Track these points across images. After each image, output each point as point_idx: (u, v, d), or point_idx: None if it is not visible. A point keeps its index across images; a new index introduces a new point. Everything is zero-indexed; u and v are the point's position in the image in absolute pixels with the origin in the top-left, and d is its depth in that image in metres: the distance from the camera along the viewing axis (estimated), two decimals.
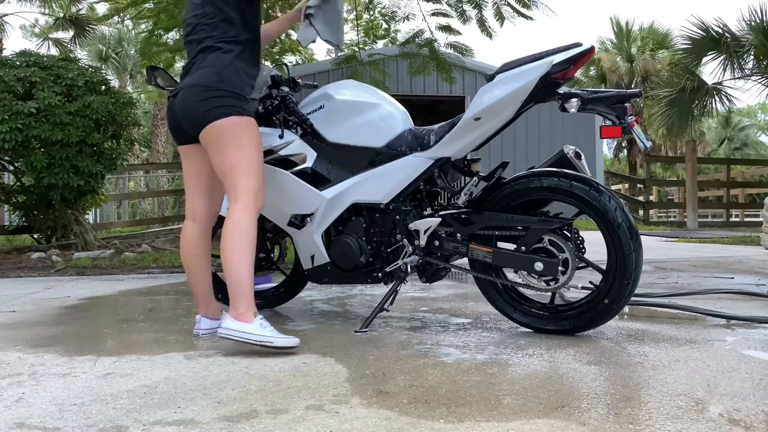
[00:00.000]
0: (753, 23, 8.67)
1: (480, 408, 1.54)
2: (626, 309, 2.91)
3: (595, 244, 2.51)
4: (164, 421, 1.48)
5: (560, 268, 2.25)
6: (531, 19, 6.45)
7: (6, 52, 13.55)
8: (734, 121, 35.64)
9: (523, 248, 2.31)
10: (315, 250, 2.62)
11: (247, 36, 2.34)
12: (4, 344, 2.35)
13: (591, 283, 2.46)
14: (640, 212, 11.78)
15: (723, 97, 9.50)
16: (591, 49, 2.20)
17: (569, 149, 2.48)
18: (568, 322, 2.34)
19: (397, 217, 2.52)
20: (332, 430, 1.41)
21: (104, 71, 7.50)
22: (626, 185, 15.96)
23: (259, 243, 2.80)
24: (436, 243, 2.47)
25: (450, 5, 6.65)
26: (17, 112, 5.56)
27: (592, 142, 12.41)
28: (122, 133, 6.63)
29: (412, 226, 2.48)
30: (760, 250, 6.10)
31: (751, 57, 8.97)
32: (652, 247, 6.56)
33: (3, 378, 1.87)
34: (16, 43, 56.05)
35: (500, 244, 2.43)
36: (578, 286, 2.41)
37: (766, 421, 1.43)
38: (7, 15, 15.05)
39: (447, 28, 6.79)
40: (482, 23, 6.64)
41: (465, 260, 2.48)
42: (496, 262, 2.37)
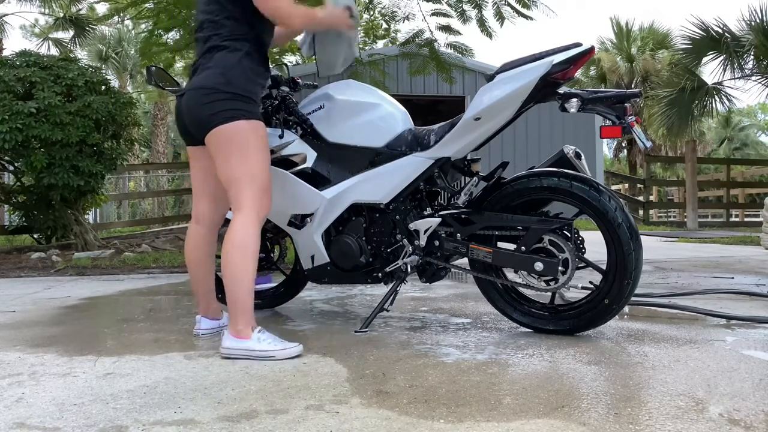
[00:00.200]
0: (753, 23, 8.68)
1: (480, 408, 1.54)
2: (626, 309, 2.91)
3: (595, 244, 2.51)
4: (164, 421, 1.48)
5: (560, 268, 2.25)
6: (531, 19, 6.45)
7: (6, 52, 13.55)
8: (734, 121, 35.63)
9: (523, 248, 2.31)
10: (315, 250, 2.62)
11: (255, 35, 2.24)
12: (4, 344, 2.35)
13: (591, 283, 2.46)
14: (640, 212, 11.78)
15: (723, 97, 9.50)
16: (591, 49, 2.20)
17: (569, 149, 2.48)
18: (568, 322, 2.34)
19: (397, 217, 2.52)
20: (332, 430, 1.41)
21: (104, 71, 7.50)
22: (626, 185, 15.96)
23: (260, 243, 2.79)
24: (436, 243, 2.47)
25: (450, 5, 6.64)
26: (17, 112, 5.56)
27: (592, 142, 12.42)
28: (122, 133, 6.63)
29: (412, 226, 2.48)
30: (760, 250, 6.10)
31: (751, 57, 8.97)
32: (652, 247, 6.56)
33: (3, 378, 1.87)
34: (16, 43, 56.12)
35: (500, 244, 2.43)
36: (578, 286, 2.41)
37: (766, 421, 1.43)
38: (7, 15, 15.07)
39: (447, 28, 6.78)
40: (482, 23, 6.63)
41: (465, 260, 2.48)
42: (496, 262, 2.37)
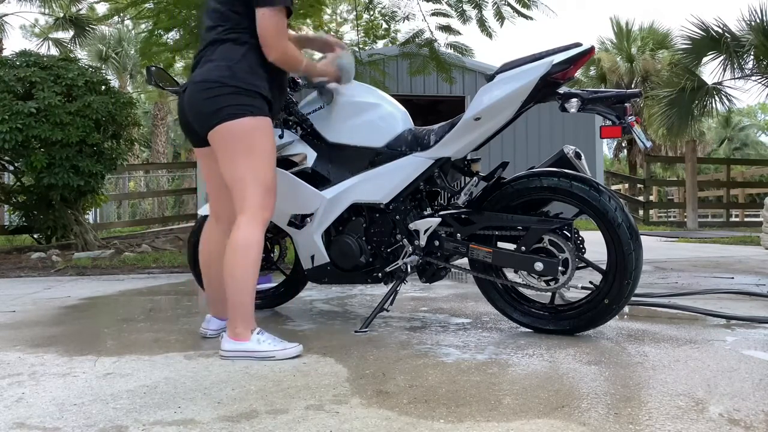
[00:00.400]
0: (753, 23, 8.68)
1: (480, 408, 1.54)
2: (626, 309, 2.91)
3: (595, 244, 2.51)
4: (164, 421, 1.48)
5: (560, 268, 2.25)
6: (531, 19, 6.45)
7: (6, 52, 13.55)
8: (734, 121, 35.61)
9: (523, 248, 2.31)
10: (315, 250, 2.62)
11: None
12: (4, 344, 2.35)
13: (591, 283, 2.46)
14: (640, 212, 11.77)
15: (723, 97, 9.50)
16: (591, 49, 2.20)
17: (569, 149, 2.48)
18: (568, 322, 2.34)
19: (397, 217, 2.52)
20: (332, 430, 1.41)
21: (104, 71, 7.50)
22: (626, 185, 15.96)
23: None
24: (436, 243, 2.47)
25: (450, 5, 6.64)
26: (17, 112, 5.57)
27: (592, 142, 12.41)
28: (122, 133, 6.64)
29: (412, 226, 2.48)
30: (760, 250, 6.10)
31: (751, 57, 8.97)
32: (652, 247, 6.55)
33: (3, 378, 1.87)
34: (16, 43, 56.09)
35: (500, 244, 2.43)
36: (578, 286, 2.41)
37: (766, 421, 1.43)
38: (7, 15, 15.06)
39: (447, 28, 6.78)
40: (482, 23, 6.62)
41: (465, 260, 2.48)
42: (496, 262, 2.37)
